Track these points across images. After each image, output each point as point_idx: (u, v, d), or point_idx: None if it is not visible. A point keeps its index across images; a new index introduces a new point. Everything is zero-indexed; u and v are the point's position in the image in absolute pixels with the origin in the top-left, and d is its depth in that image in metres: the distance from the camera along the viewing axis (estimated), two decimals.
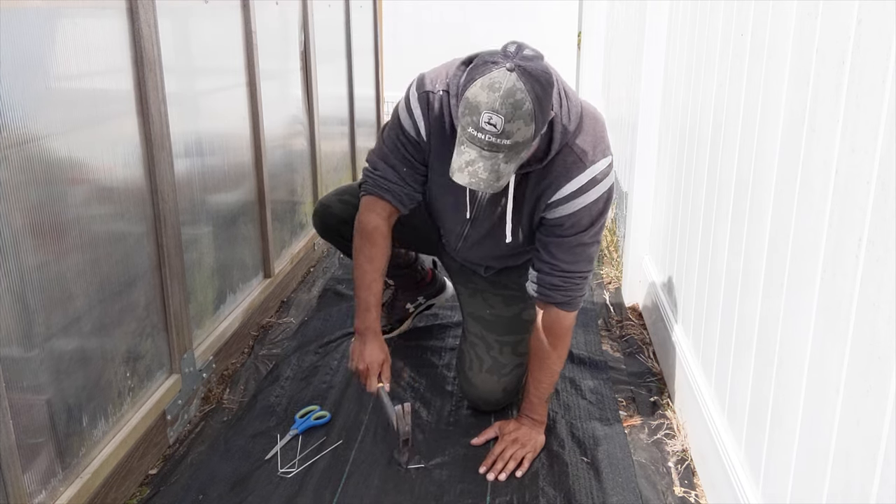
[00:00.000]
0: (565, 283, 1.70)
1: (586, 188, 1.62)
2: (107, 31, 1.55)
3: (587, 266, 1.73)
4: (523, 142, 1.43)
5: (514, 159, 1.46)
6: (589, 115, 1.65)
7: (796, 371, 1.15)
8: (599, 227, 1.69)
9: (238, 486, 1.67)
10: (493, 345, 1.93)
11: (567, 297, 1.72)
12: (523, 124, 1.41)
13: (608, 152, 1.65)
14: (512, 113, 1.39)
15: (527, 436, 1.79)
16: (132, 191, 1.66)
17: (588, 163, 1.61)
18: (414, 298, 2.24)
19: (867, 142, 0.94)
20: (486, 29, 6.23)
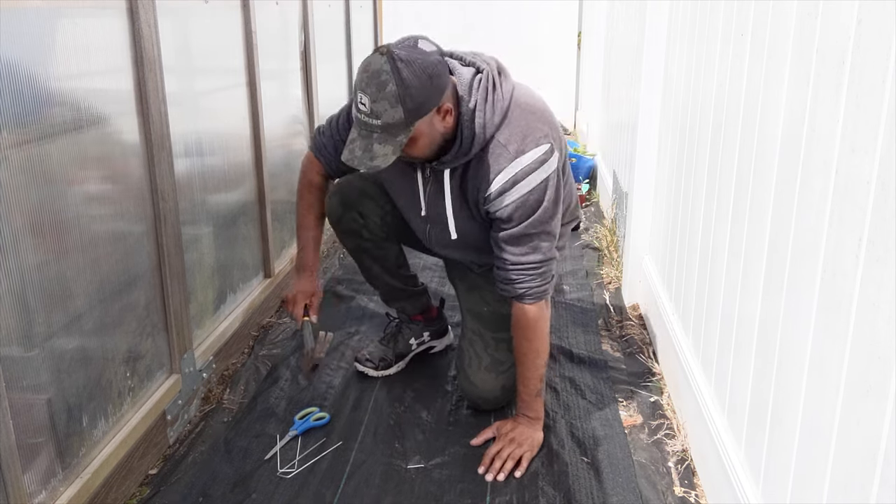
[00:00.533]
0: (519, 276, 1.72)
1: (518, 178, 1.64)
2: (107, 31, 1.55)
3: (540, 257, 1.72)
4: (394, 124, 1.52)
5: (388, 141, 1.54)
6: (521, 105, 1.67)
7: (796, 371, 1.15)
8: (545, 217, 1.69)
9: (238, 486, 1.67)
10: (490, 342, 1.94)
11: (523, 289, 1.73)
12: (388, 105, 1.49)
13: (543, 141, 1.66)
14: (376, 93, 1.49)
15: (523, 434, 1.79)
16: (132, 191, 1.66)
17: (514, 153, 1.64)
18: (419, 334, 2.23)
19: (867, 142, 0.94)
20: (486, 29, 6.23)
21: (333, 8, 3.39)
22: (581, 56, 6.29)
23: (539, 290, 1.74)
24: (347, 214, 2.03)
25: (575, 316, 2.54)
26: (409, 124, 1.54)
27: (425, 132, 1.59)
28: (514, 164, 1.64)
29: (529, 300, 1.74)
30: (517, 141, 1.64)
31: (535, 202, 1.66)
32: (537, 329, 1.77)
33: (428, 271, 2.96)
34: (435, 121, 1.59)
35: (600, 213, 3.78)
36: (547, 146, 1.66)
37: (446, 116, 1.60)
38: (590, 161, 4.37)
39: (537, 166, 1.64)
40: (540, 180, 1.65)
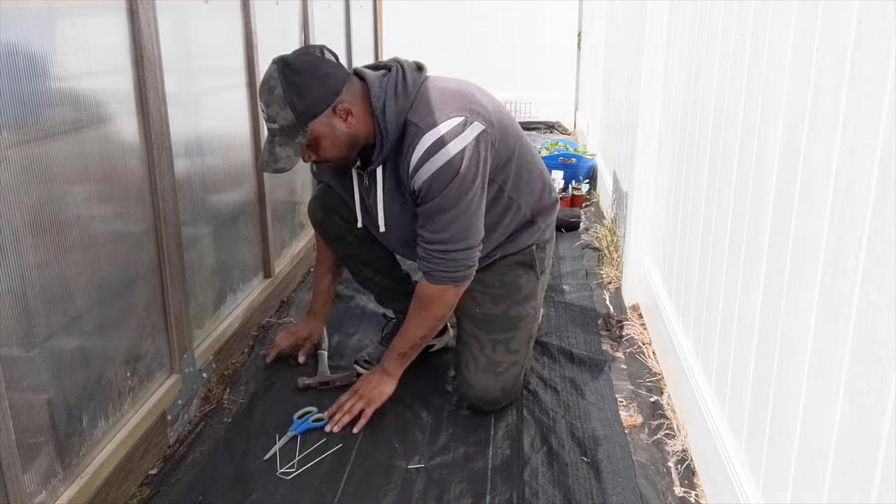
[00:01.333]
0: (426, 255, 1.75)
1: (433, 150, 1.67)
2: (107, 31, 1.55)
3: (448, 236, 1.72)
4: (288, 126, 1.63)
5: (288, 143, 1.65)
6: (431, 88, 1.74)
7: (796, 371, 1.15)
8: (461, 190, 1.69)
9: (238, 486, 1.67)
10: (485, 343, 1.94)
11: (427, 267, 1.76)
12: (279, 108, 1.61)
13: (456, 114, 1.69)
14: (268, 98, 1.63)
15: (369, 385, 1.86)
16: (132, 191, 1.66)
17: (426, 127, 1.68)
18: None
19: (867, 142, 0.94)
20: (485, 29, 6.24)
21: (333, 8, 3.39)
22: (581, 56, 6.29)
23: (443, 275, 1.75)
24: (329, 219, 2.06)
25: (575, 316, 2.54)
26: (303, 125, 1.64)
27: (326, 133, 1.67)
28: (428, 137, 1.67)
29: (430, 279, 1.77)
30: (428, 115, 1.69)
31: (449, 173, 1.67)
32: (429, 308, 1.81)
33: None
34: (334, 122, 1.68)
35: (600, 213, 3.78)
36: (460, 119, 1.68)
37: (348, 117, 1.68)
38: (590, 161, 4.37)
39: (451, 137, 1.67)
40: (456, 151, 1.67)
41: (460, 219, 1.72)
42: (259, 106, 1.68)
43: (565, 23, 6.32)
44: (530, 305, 1.99)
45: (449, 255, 1.74)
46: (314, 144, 1.70)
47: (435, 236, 1.73)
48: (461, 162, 1.67)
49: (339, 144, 1.71)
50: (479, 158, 1.71)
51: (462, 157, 1.67)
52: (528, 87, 6.30)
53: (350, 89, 1.70)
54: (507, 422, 1.91)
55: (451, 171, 1.67)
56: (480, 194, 1.74)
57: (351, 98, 1.69)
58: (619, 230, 3.10)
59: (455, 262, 1.75)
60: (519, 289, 1.98)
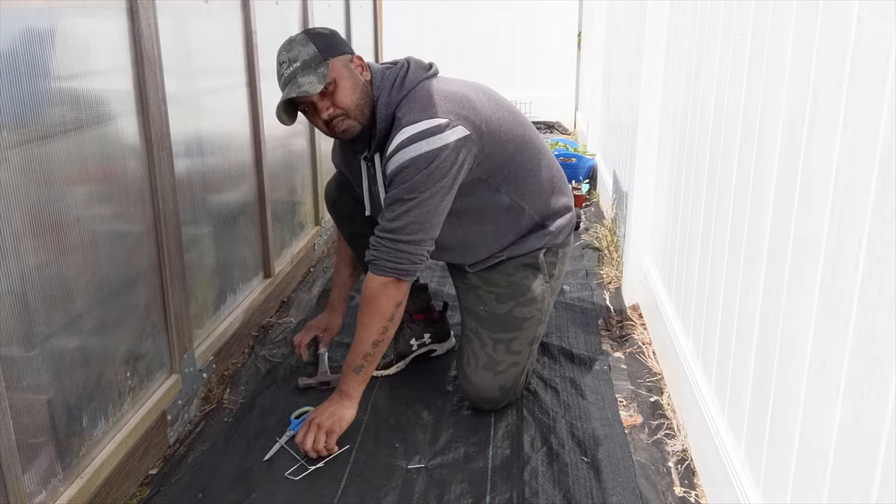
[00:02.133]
0: (375, 243, 1.75)
1: (404, 144, 1.70)
2: (107, 30, 1.55)
3: (401, 227, 1.71)
4: (310, 59, 1.70)
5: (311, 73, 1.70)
6: (428, 88, 1.77)
7: (796, 371, 1.15)
8: (422, 185, 1.69)
9: (238, 486, 1.67)
10: (487, 341, 1.94)
11: (372, 255, 1.75)
12: (301, 47, 1.71)
13: (441, 116, 1.70)
14: (289, 45, 1.73)
15: (325, 413, 1.78)
16: (132, 191, 1.66)
17: (406, 123, 1.71)
18: (420, 335, 2.23)
19: (867, 142, 0.94)
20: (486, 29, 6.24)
21: (333, 8, 3.39)
22: (581, 56, 6.29)
23: (387, 265, 1.72)
24: (342, 196, 2.08)
25: (575, 316, 2.54)
26: (325, 57, 1.71)
27: (345, 74, 1.73)
28: (406, 131, 1.71)
29: (374, 269, 1.75)
30: (412, 112, 1.72)
31: (414, 168, 1.69)
32: (375, 304, 1.75)
33: (428, 272, 2.96)
34: (353, 67, 1.76)
35: (600, 213, 3.78)
36: (443, 121, 1.70)
37: (363, 71, 1.76)
38: (590, 161, 4.37)
39: (426, 136, 1.68)
40: (426, 149, 1.68)
41: (415, 210, 1.71)
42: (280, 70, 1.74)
43: (565, 23, 6.32)
44: (535, 308, 1.98)
45: (398, 246, 1.72)
46: (332, 88, 1.72)
47: (389, 224, 1.73)
48: (430, 160, 1.68)
49: (356, 89, 1.75)
50: (454, 161, 1.71)
51: (433, 155, 1.68)
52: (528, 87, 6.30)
53: None
54: (508, 422, 1.92)
55: (418, 166, 1.69)
56: (444, 194, 1.73)
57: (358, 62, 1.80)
58: (619, 230, 3.10)
59: (401, 254, 1.72)
60: (525, 290, 1.98)
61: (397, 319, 1.79)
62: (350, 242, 2.16)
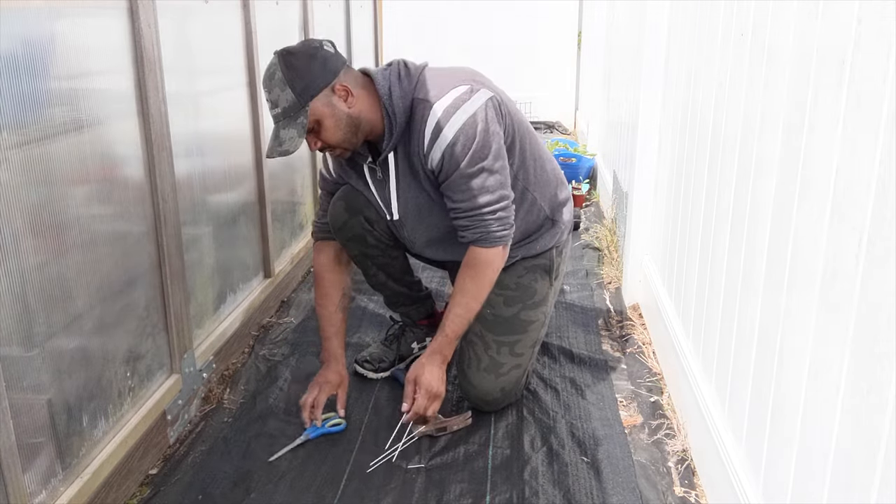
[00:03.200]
0: (471, 223, 1.76)
1: (444, 120, 1.70)
2: (107, 31, 1.55)
3: (489, 198, 1.74)
4: (289, 107, 1.66)
5: (291, 125, 1.68)
6: (432, 70, 1.80)
7: (796, 371, 1.15)
8: (482, 152, 1.72)
9: (238, 485, 1.67)
10: (491, 344, 1.94)
11: (477, 234, 1.77)
12: (279, 91, 1.66)
13: (460, 84, 1.74)
14: (269, 84, 1.68)
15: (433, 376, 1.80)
16: (132, 191, 1.66)
17: (434, 99, 1.72)
18: (422, 339, 2.23)
19: (867, 142, 0.94)
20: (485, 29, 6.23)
21: (333, 8, 3.39)
22: (581, 56, 6.29)
23: (495, 235, 1.77)
24: (353, 219, 1.99)
25: (575, 316, 2.54)
26: (303, 104, 1.67)
27: (326, 113, 1.70)
28: (437, 107, 1.71)
29: (484, 244, 1.77)
30: (434, 90, 1.73)
31: (466, 139, 1.70)
32: (484, 273, 1.80)
33: (429, 272, 2.96)
34: (334, 101, 1.70)
35: (600, 213, 3.78)
36: (465, 87, 1.73)
37: (347, 98, 1.71)
38: (590, 161, 4.37)
39: (460, 104, 1.71)
40: (467, 116, 1.70)
41: (490, 179, 1.74)
42: (264, 97, 1.72)
43: (565, 23, 6.32)
44: (541, 311, 1.99)
45: (496, 216, 1.76)
46: (317, 127, 1.72)
47: (475, 202, 1.74)
48: (477, 123, 1.70)
49: (340, 125, 1.72)
50: (495, 117, 1.75)
51: (475, 120, 1.71)
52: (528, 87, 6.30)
53: (350, 76, 1.74)
54: (508, 422, 1.92)
55: (468, 134, 1.70)
56: (501, 151, 1.77)
57: (351, 81, 1.73)
58: (619, 230, 3.10)
59: (502, 221, 1.77)
60: (533, 293, 1.98)
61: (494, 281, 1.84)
62: (358, 261, 2.09)
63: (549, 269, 2.01)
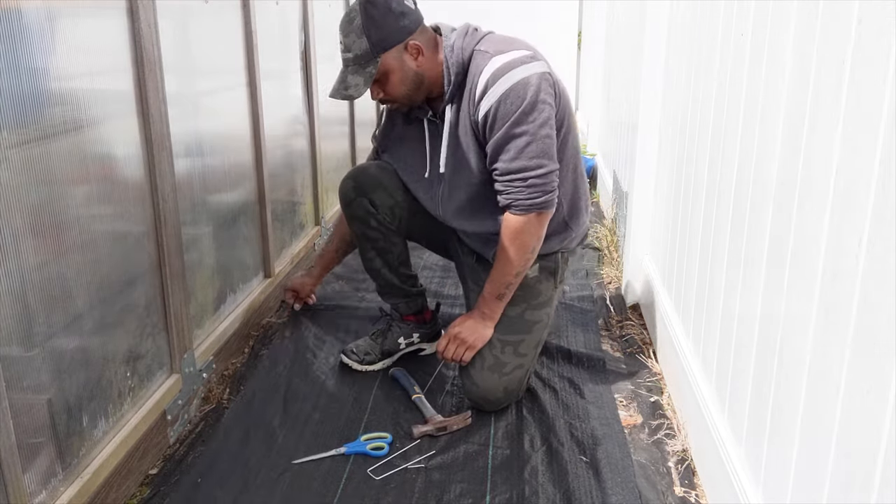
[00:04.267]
0: (506, 187, 1.78)
1: (499, 73, 1.72)
2: (107, 31, 1.55)
3: (525, 163, 1.74)
4: (362, 55, 1.74)
5: (359, 72, 1.76)
6: (497, 34, 1.86)
7: (796, 371, 1.15)
8: (528, 114, 1.72)
9: (238, 485, 1.67)
10: (495, 343, 1.94)
11: (510, 199, 1.78)
12: (356, 37, 1.73)
13: (523, 48, 1.78)
14: (347, 28, 1.75)
15: (470, 329, 1.89)
16: (132, 191, 1.66)
17: (494, 53, 1.75)
18: (409, 335, 2.23)
19: (867, 142, 0.94)
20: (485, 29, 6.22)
21: (333, 8, 3.39)
22: (581, 56, 6.29)
23: (527, 202, 1.77)
24: (358, 200, 2.05)
25: (575, 316, 2.54)
26: (376, 55, 1.74)
27: (395, 67, 1.77)
28: (495, 61, 1.74)
29: (516, 210, 1.79)
30: (495, 46, 1.78)
31: (516, 97, 1.71)
32: (518, 239, 1.81)
33: (428, 271, 2.96)
34: (405, 57, 1.77)
35: (600, 213, 3.78)
36: (527, 52, 1.77)
37: (418, 56, 1.76)
38: (590, 161, 4.37)
39: (518, 64, 1.73)
40: (521, 76, 1.71)
41: (533, 144, 1.73)
42: (339, 39, 1.79)
43: (565, 23, 6.32)
44: (544, 312, 1.99)
45: (528, 182, 1.75)
46: (383, 79, 1.78)
47: (511, 165, 1.74)
48: (530, 84, 1.71)
49: (406, 81, 1.79)
50: (549, 88, 1.75)
51: (529, 81, 1.71)
52: None
53: (424, 33, 1.82)
54: (507, 421, 1.92)
55: (521, 92, 1.70)
56: (550, 121, 1.76)
57: (424, 39, 1.81)
58: (619, 230, 3.10)
59: (535, 189, 1.76)
60: (538, 294, 1.98)
61: (538, 249, 1.87)
62: (359, 241, 2.15)
63: (555, 271, 2.02)
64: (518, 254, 1.83)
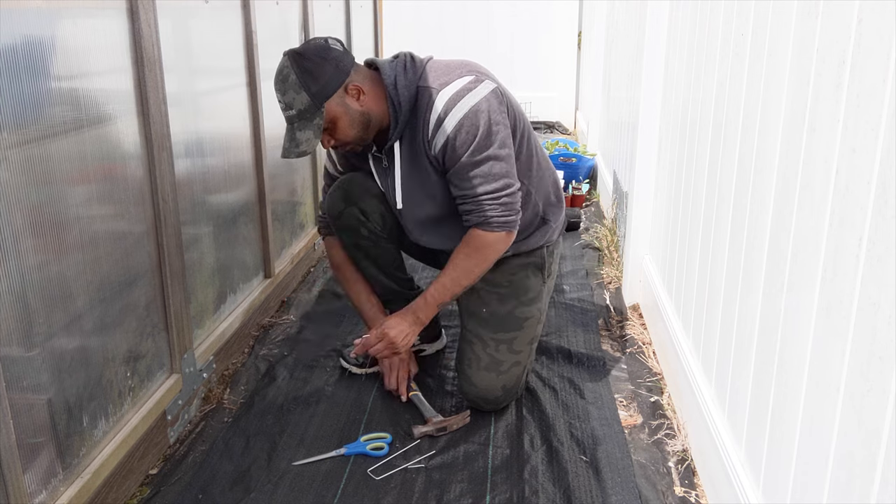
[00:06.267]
0: (476, 207, 1.78)
1: (450, 106, 1.72)
2: (107, 31, 1.55)
3: (495, 185, 1.76)
4: (305, 109, 1.71)
5: (307, 127, 1.73)
6: (436, 62, 1.83)
7: (797, 371, 1.16)
8: (488, 140, 1.73)
9: (238, 485, 1.67)
10: (489, 342, 1.94)
11: (481, 217, 1.79)
12: (294, 93, 1.70)
13: (466, 73, 1.76)
14: (283, 86, 1.72)
15: (402, 333, 1.88)
16: (132, 191, 1.66)
17: (439, 87, 1.75)
18: None
19: (867, 142, 0.94)
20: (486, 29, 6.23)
21: (333, 8, 3.39)
22: (581, 56, 6.29)
23: (500, 221, 1.79)
24: (349, 210, 2.03)
25: (575, 316, 2.54)
26: (319, 106, 1.71)
27: (341, 112, 1.74)
28: (443, 94, 1.74)
29: (487, 227, 1.80)
30: (439, 79, 1.76)
31: (471, 126, 1.72)
32: (481, 253, 1.83)
33: (426, 271, 2.96)
34: (348, 101, 1.75)
35: (600, 213, 3.78)
36: (471, 77, 1.76)
37: (360, 96, 1.75)
38: (590, 161, 4.37)
39: (465, 92, 1.73)
40: (472, 104, 1.72)
41: (496, 166, 1.76)
42: (277, 98, 1.75)
43: (565, 23, 6.32)
44: (536, 307, 1.99)
45: (501, 201, 1.77)
46: (331, 126, 1.77)
47: (481, 189, 1.76)
48: (481, 110, 1.72)
49: (354, 124, 1.77)
50: (500, 106, 1.76)
51: (478, 109, 1.72)
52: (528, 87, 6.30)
53: (359, 72, 1.79)
54: (507, 421, 1.92)
55: (474, 120, 1.72)
56: (508, 139, 1.78)
57: (361, 78, 1.78)
58: (619, 230, 3.10)
59: (506, 207, 1.78)
60: (526, 290, 1.98)
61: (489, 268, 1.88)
62: (349, 251, 2.11)
63: (541, 266, 2.01)
64: (477, 267, 1.84)
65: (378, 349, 1.90)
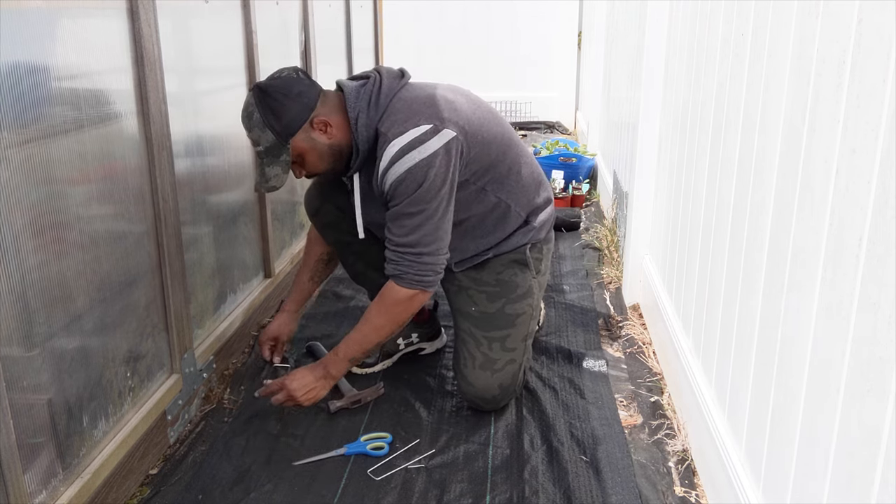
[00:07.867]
0: (396, 258, 1.77)
1: (396, 157, 1.71)
2: (107, 31, 1.55)
3: (417, 238, 1.73)
4: (271, 146, 1.72)
5: (275, 163, 1.74)
6: (403, 98, 1.77)
7: (797, 371, 1.16)
8: (428, 195, 1.71)
9: (238, 486, 1.67)
10: (481, 341, 1.94)
11: (398, 270, 1.77)
12: (259, 131, 1.71)
13: (423, 122, 1.72)
14: (249, 123, 1.73)
15: (306, 387, 1.82)
16: (132, 191, 1.66)
17: (392, 136, 1.71)
18: (408, 335, 2.23)
19: (867, 142, 0.94)
20: (486, 29, 6.23)
21: (333, 8, 3.39)
22: (581, 56, 6.29)
23: (416, 278, 1.76)
24: (325, 206, 2.07)
25: (575, 316, 2.54)
26: (284, 143, 1.72)
27: (307, 148, 1.75)
28: (394, 144, 1.71)
29: (401, 282, 1.78)
30: (395, 125, 1.73)
31: (412, 181, 1.70)
32: (394, 310, 1.80)
33: None
34: (314, 135, 1.74)
35: (600, 213, 3.78)
36: (428, 126, 1.71)
37: (327, 129, 1.74)
38: (590, 161, 4.37)
39: (417, 144, 1.70)
40: (420, 157, 1.69)
41: (427, 223, 1.73)
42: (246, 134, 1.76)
43: (565, 23, 6.32)
44: (526, 303, 1.99)
45: (421, 259, 1.75)
46: (300, 160, 1.78)
47: (405, 239, 1.74)
48: (427, 168, 1.69)
49: (323, 157, 1.78)
50: (449, 165, 1.73)
51: (428, 163, 1.69)
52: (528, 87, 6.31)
53: (326, 102, 1.77)
54: (507, 421, 1.92)
55: (416, 178, 1.70)
56: (448, 200, 1.75)
57: (328, 110, 1.76)
58: (619, 230, 3.10)
59: (426, 266, 1.76)
60: (515, 287, 1.98)
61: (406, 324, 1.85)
62: (336, 249, 2.16)
63: (525, 262, 2.00)
64: (389, 324, 1.81)
65: (278, 399, 1.83)
